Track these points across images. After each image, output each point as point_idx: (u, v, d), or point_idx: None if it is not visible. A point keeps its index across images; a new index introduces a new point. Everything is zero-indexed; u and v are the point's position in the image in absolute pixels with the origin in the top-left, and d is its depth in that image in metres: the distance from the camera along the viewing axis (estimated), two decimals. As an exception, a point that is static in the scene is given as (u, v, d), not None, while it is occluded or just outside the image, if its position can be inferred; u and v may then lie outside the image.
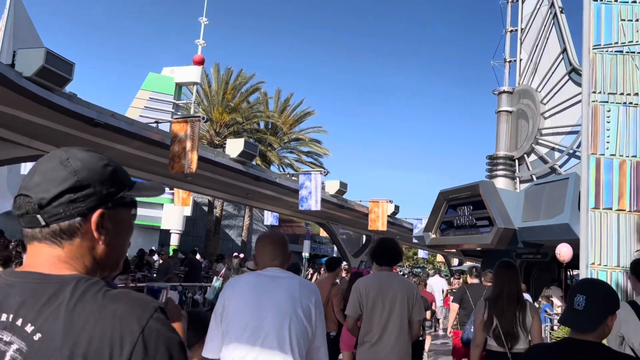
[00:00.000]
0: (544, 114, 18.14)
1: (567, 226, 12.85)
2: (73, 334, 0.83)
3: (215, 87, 31.85)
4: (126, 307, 0.87)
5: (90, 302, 0.86)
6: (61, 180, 0.93)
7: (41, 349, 0.82)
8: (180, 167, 11.77)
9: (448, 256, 43.75)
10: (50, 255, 0.92)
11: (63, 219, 0.93)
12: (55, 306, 0.85)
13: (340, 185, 20.21)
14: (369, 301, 3.85)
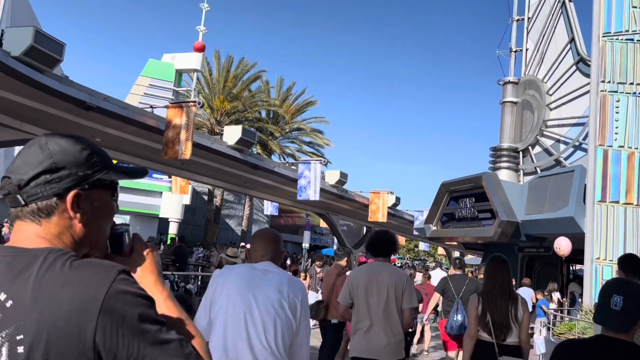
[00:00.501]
0: (550, 105, 17.77)
1: (572, 220, 12.55)
2: (41, 300, 0.87)
3: (216, 75, 31.45)
4: (90, 273, 0.91)
5: (57, 270, 0.91)
6: (38, 162, 0.98)
7: (13, 314, 0.87)
8: (174, 153, 11.47)
9: (449, 249, 43.48)
10: (30, 232, 0.98)
11: (40, 199, 0.98)
12: (26, 275, 0.90)
13: (340, 176, 19.89)
14: (359, 290, 3.95)
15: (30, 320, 0.87)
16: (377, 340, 3.87)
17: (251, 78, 32.03)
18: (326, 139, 35.42)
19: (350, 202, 22.06)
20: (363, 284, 3.96)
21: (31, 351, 0.86)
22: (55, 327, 0.87)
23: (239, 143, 13.89)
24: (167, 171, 15.55)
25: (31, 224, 0.98)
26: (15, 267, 0.92)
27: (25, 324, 0.87)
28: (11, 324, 0.87)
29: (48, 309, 0.87)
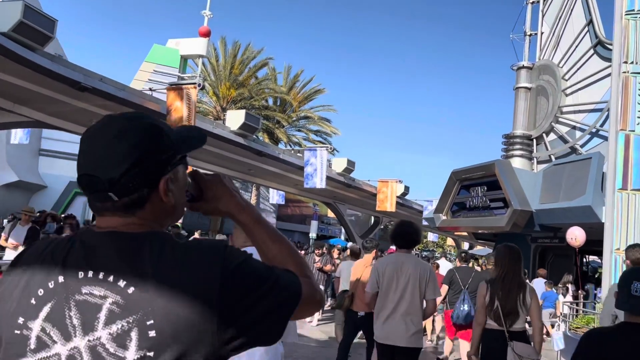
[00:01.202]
0: (566, 91, 17.11)
1: (589, 209, 11.98)
2: (164, 286, 0.91)
3: (222, 62, 30.93)
4: (203, 253, 0.96)
5: (170, 255, 0.94)
6: (124, 156, 0.95)
7: (138, 300, 0.90)
8: (176, 137, 11.01)
9: (458, 240, 42.93)
10: (125, 222, 0.99)
11: (133, 192, 0.97)
12: (140, 262, 0.93)
13: (347, 164, 19.38)
14: (384, 280, 4.14)
15: (158, 306, 0.89)
16: (398, 328, 4.05)
17: (258, 65, 31.49)
18: (334, 127, 34.90)
19: (357, 191, 21.56)
20: (388, 274, 4.15)
21: (162, 335, 0.89)
22: (183, 309, 0.90)
23: (242, 128, 13.41)
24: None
25: (123, 217, 0.99)
26: (125, 253, 0.94)
27: (153, 309, 0.89)
28: (138, 310, 0.89)
29: (174, 294, 0.90)
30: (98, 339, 0.88)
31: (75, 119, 11.67)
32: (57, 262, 0.95)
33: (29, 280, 0.95)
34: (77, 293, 0.91)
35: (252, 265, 0.99)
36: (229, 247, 1.00)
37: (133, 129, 0.97)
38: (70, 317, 0.90)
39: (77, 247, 0.96)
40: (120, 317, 0.89)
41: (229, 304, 0.93)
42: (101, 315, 0.89)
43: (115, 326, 0.88)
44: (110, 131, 0.97)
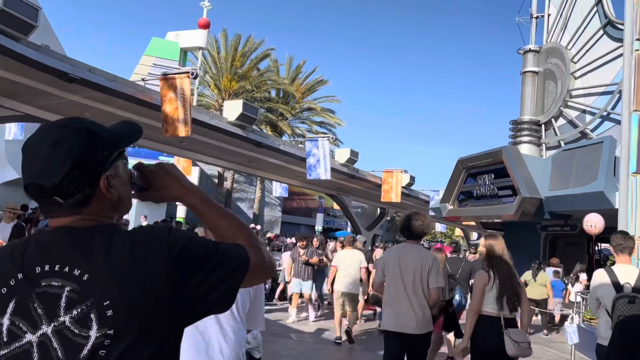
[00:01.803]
0: (575, 74, 16.53)
1: (602, 194, 11.50)
2: (116, 269, 1.01)
3: (223, 54, 30.54)
4: (149, 237, 1.06)
5: (119, 242, 1.04)
6: (62, 163, 1.03)
7: (93, 285, 0.99)
8: (175, 130, 10.65)
9: (466, 229, 42.43)
10: (74, 219, 1.08)
11: (76, 193, 1.06)
12: (92, 252, 1.02)
13: (350, 154, 18.95)
14: (389, 269, 4.33)
15: (112, 288, 0.99)
16: (405, 316, 4.20)
17: (259, 56, 31.09)
18: (337, 118, 34.48)
19: (362, 182, 21.14)
20: (393, 264, 4.33)
21: (118, 312, 0.99)
22: (136, 288, 1.00)
23: (240, 119, 13.02)
24: (166, 151, 14.76)
25: (71, 215, 1.07)
26: (77, 245, 1.03)
27: (108, 292, 0.99)
28: (94, 294, 0.99)
29: (125, 275, 1.00)
30: (62, 324, 0.98)
31: (66, 112, 11.31)
32: (15, 262, 1.05)
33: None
34: (37, 286, 1.01)
35: (197, 242, 1.09)
36: (172, 230, 1.09)
37: (67, 135, 1.06)
38: (34, 308, 1.00)
39: (32, 246, 1.06)
40: (78, 302, 0.99)
41: (179, 280, 1.03)
42: (62, 302, 1.00)
43: (75, 310, 0.99)
44: (46, 140, 1.05)
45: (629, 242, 4.07)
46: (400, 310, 4.23)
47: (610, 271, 3.99)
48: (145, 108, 11.17)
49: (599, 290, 3.98)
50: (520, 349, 3.93)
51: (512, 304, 4.02)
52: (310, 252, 9.13)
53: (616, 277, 3.93)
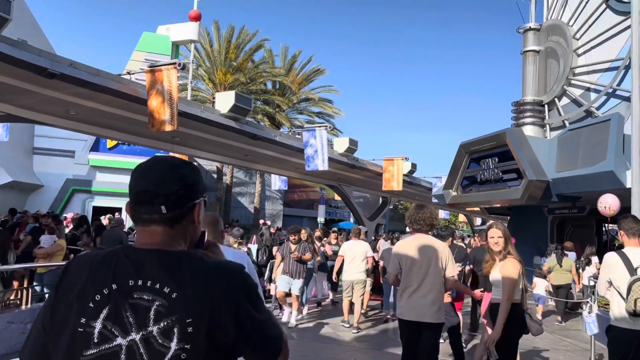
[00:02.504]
0: (577, 51, 16.00)
1: (612, 174, 11.03)
2: (200, 293, 1.19)
3: (217, 47, 29.96)
4: (227, 271, 1.27)
5: (203, 270, 1.23)
6: (177, 179, 1.28)
7: (179, 303, 1.17)
8: (161, 124, 10.18)
9: (470, 215, 42.02)
10: (165, 234, 1.27)
11: (177, 208, 1.28)
12: (180, 274, 1.20)
13: (349, 143, 18.46)
14: (406, 261, 4.39)
15: (195, 309, 1.17)
16: (423, 305, 4.29)
17: (253, 47, 30.48)
18: (336, 108, 33.94)
19: (362, 172, 20.66)
20: (410, 255, 4.39)
21: (198, 330, 1.17)
22: (213, 311, 1.18)
23: (233, 111, 12.53)
24: (158, 147, 14.29)
25: (165, 228, 1.28)
26: (167, 267, 1.21)
27: (192, 310, 1.17)
28: (179, 311, 1.17)
29: (207, 299, 1.18)
30: (150, 333, 1.17)
31: (49, 110, 10.88)
32: (108, 273, 1.21)
33: (83, 288, 1.20)
34: (130, 297, 1.18)
35: (258, 295, 1.31)
36: (246, 272, 1.31)
37: (183, 164, 1.33)
38: (127, 317, 1.17)
39: (123, 259, 1.24)
40: (165, 316, 1.17)
41: (242, 315, 1.23)
42: (151, 314, 1.17)
43: (162, 323, 1.17)
44: (165, 163, 1.32)
45: (638, 226, 4.15)
46: (417, 299, 4.32)
47: (623, 254, 4.08)
48: (133, 103, 10.69)
49: (612, 272, 4.09)
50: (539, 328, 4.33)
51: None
52: (303, 247, 8.25)
53: (629, 260, 4.02)
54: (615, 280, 4.05)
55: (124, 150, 25.12)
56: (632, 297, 3.86)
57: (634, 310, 3.86)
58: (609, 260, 4.14)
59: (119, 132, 12.59)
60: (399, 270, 4.44)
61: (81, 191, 24.36)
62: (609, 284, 4.10)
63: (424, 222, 4.47)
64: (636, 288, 3.87)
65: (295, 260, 8.13)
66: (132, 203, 1.28)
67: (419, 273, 4.33)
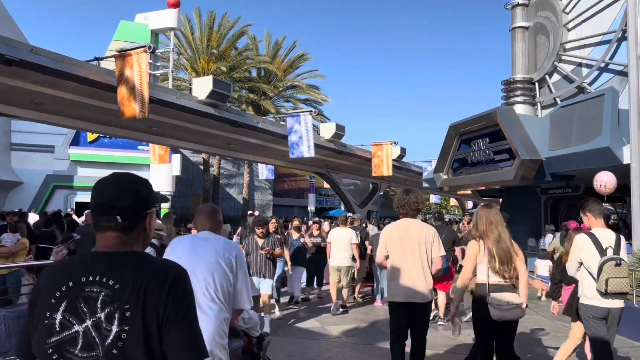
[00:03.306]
0: (567, 25, 15.50)
1: (608, 150, 10.59)
2: (138, 284, 1.43)
3: (198, 34, 29.17)
4: (163, 267, 1.51)
5: (142, 265, 1.48)
6: (133, 194, 1.55)
7: (120, 293, 1.42)
8: (132, 112, 9.59)
9: (461, 199, 41.75)
10: (119, 239, 1.53)
11: (131, 218, 1.54)
12: (124, 270, 1.46)
13: (336, 129, 17.93)
14: (394, 244, 4.51)
15: (133, 296, 1.42)
16: (413, 286, 4.41)
17: (236, 34, 29.73)
18: (323, 94, 33.34)
19: (351, 157, 20.16)
20: (397, 239, 4.52)
21: (134, 314, 1.41)
22: (146, 298, 1.42)
23: (211, 97, 11.93)
24: (135, 137, 13.68)
25: (120, 234, 1.53)
26: (115, 264, 1.47)
27: (130, 298, 1.42)
28: (120, 299, 1.42)
29: (142, 288, 1.43)
30: (99, 319, 1.41)
31: (12, 101, 10.23)
32: (66, 274, 1.47)
33: (49, 287, 1.47)
34: (82, 291, 1.43)
35: (188, 295, 1.51)
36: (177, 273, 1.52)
37: (138, 180, 1.59)
38: (81, 307, 1.41)
39: (78, 262, 1.52)
40: (109, 304, 1.42)
41: (168, 305, 1.44)
42: (98, 303, 1.42)
43: (107, 309, 1.41)
44: (122, 180, 1.57)
45: (602, 207, 4.41)
46: (409, 281, 4.43)
47: (592, 235, 4.22)
48: (103, 91, 10.07)
49: (583, 253, 4.22)
50: (502, 311, 4.05)
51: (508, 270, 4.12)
52: (272, 241, 7.19)
53: (598, 241, 4.17)
54: (586, 260, 4.19)
55: (105, 143, 24.42)
56: (603, 277, 4.04)
57: (605, 290, 4.05)
58: (580, 242, 4.27)
59: (92, 123, 11.95)
60: (385, 253, 4.60)
61: (63, 187, 23.66)
62: (579, 265, 4.25)
63: (409, 207, 4.63)
64: (607, 268, 4.04)
65: (267, 257, 7.12)
66: (93, 213, 1.53)
67: (406, 255, 4.48)
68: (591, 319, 4.22)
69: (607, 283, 4.03)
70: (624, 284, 4.09)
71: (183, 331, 1.45)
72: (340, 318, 8.32)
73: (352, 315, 8.59)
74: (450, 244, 8.43)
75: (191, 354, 1.45)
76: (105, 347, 1.39)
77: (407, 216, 4.64)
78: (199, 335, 1.50)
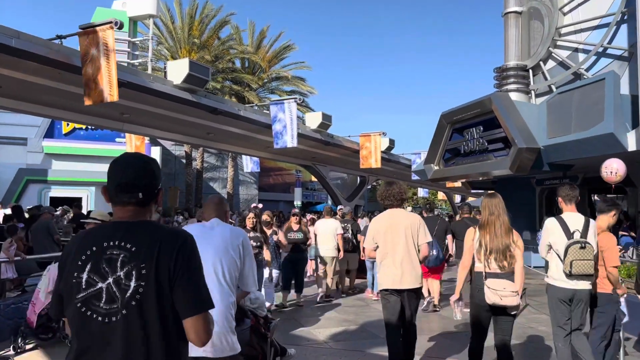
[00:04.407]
0: (563, 9, 14.87)
1: (612, 137, 9.95)
2: (151, 247, 1.68)
3: (179, 23, 28.17)
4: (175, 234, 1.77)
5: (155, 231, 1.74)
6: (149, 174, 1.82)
7: (136, 254, 1.68)
8: (98, 95, 8.72)
9: (450, 193, 41.24)
10: (136, 211, 1.79)
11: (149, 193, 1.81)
12: (140, 235, 1.72)
13: (323, 118, 17.15)
14: (382, 234, 4.69)
15: (147, 256, 1.67)
16: (402, 273, 4.59)
17: (219, 23, 28.77)
18: (309, 86, 32.52)
19: (338, 149, 19.40)
20: (385, 229, 4.70)
21: (149, 271, 1.66)
22: (159, 258, 1.68)
23: (187, 81, 11.08)
24: (104, 125, 12.77)
25: (137, 207, 1.79)
26: (132, 231, 1.73)
27: (145, 258, 1.67)
28: (136, 259, 1.67)
29: (156, 250, 1.68)
30: (119, 277, 1.67)
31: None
32: (90, 240, 1.73)
33: (76, 252, 1.74)
34: (104, 254, 1.69)
35: (194, 255, 1.78)
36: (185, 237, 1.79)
37: (152, 160, 1.89)
38: (103, 268, 1.68)
39: (99, 231, 1.77)
40: (127, 263, 1.68)
41: (177, 264, 1.70)
42: (118, 264, 1.68)
43: (126, 268, 1.67)
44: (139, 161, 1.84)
45: (575, 192, 4.54)
46: (399, 269, 4.56)
47: (561, 219, 4.38)
48: (66, 72, 9.18)
49: (551, 236, 4.38)
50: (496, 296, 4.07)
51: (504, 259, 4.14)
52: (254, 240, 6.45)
53: (566, 224, 4.32)
54: (554, 243, 4.34)
55: (82, 135, 23.38)
56: (568, 259, 4.20)
57: (570, 271, 4.20)
58: (549, 225, 4.45)
59: (57, 109, 11.03)
60: (374, 245, 4.73)
61: (36, 181, 22.57)
62: (549, 247, 4.41)
63: (394, 198, 4.80)
64: (572, 250, 4.19)
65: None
66: (114, 190, 1.77)
67: (395, 244, 4.62)
68: (555, 299, 4.40)
69: (572, 265, 4.17)
70: (587, 266, 4.20)
71: (190, 286, 1.70)
72: (328, 320, 7.58)
73: (341, 317, 7.86)
74: (443, 234, 8.74)
75: (197, 304, 1.71)
76: (125, 299, 1.65)
77: (393, 207, 4.81)
78: (205, 289, 1.76)
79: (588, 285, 4.29)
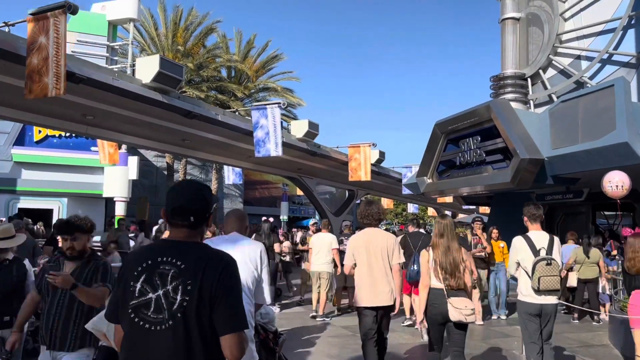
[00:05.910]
0: (564, 15, 14.10)
1: (626, 146, 8.99)
2: (197, 266, 1.90)
3: (163, 30, 27.15)
4: (219, 256, 1.99)
5: (203, 252, 1.99)
6: (202, 199, 2.07)
7: (184, 271, 1.90)
8: (42, 88, 7.61)
9: (440, 209, 40.26)
10: (188, 233, 2.04)
11: (199, 217, 2.05)
12: (190, 254, 1.95)
13: (309, 126, 16.10)
14: (361, 252, 4.92)
15: (193, 274, 1.89)
16: (378, 291, 4.81)
17: (204, 31, 27.78)
18: (298, 97, 31.58)
19: (325, 160, 18.33)
20: (363, 247, 4.94)
21: (193, 288, 1.88)
22: (204, 277, 1.89)
23: (157, 80, 10.01)
24: (68, 128, 11.63)
25: (189, 229, 2.04)
26: (182, 250, 1.97)
27: (192, 275, 1.89)
28: (184, 275, 1.89)
29: (201, 269, 1.90)
30: (167, 290, 1.89)
31: None
32: (146, 255, 2.00)
33: (133, 264, 1.99)
34: (158, 268, 1.93)
35: (235, 278, 2.00)
36: (232, 262, 2.03)
37: (205, 187, 2.14)
38: (155, 280, 1.91)
39: (156, 247, 2.09)
40: (176, 279, 1.91)
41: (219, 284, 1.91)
42: (168, 278, 1.91)
43: (174, 283, 1.90)
44: (194, 186, 2.12)
45: (539, 212, 4.86)
46: (375, 287, 4.80)
47: (527, 238, 4.68)
48: (13, 63, 8.06)
49: (519, 254, 4.67)
50: (461, 315, 4.27)
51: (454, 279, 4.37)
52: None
53: (533, 242, 4.62)
54: (522, 260, 4.59)
55: (54, 144, 22.10)
56: (536, 276, 4.43)
57: (538, 287, 4.42)
58: (517, 244, 4.69)
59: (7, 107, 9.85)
60: (353, 261, 4.95)
61: (4, 191, 21.20)
62: (517, 265, 4.65)
63: (372, 217, 5.03)
64: (539, 267, 4.43)
65: None
66: (170, 213, 2.04)
67: (371, 262, 4.83)
68: (525, 314, 4.64)
69: (540, 281, 4.40)
70: (554, 282, 4.44)
71: (229, 305, 1.90)
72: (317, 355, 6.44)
73: (329, 351, 6.71)
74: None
75: (234, 324, 1.90)
76: (172, 311, 1.88)
77: (370, 226, 5.06)
78: (242, 311, 1.96)
79: (555, 300, 4.56)
